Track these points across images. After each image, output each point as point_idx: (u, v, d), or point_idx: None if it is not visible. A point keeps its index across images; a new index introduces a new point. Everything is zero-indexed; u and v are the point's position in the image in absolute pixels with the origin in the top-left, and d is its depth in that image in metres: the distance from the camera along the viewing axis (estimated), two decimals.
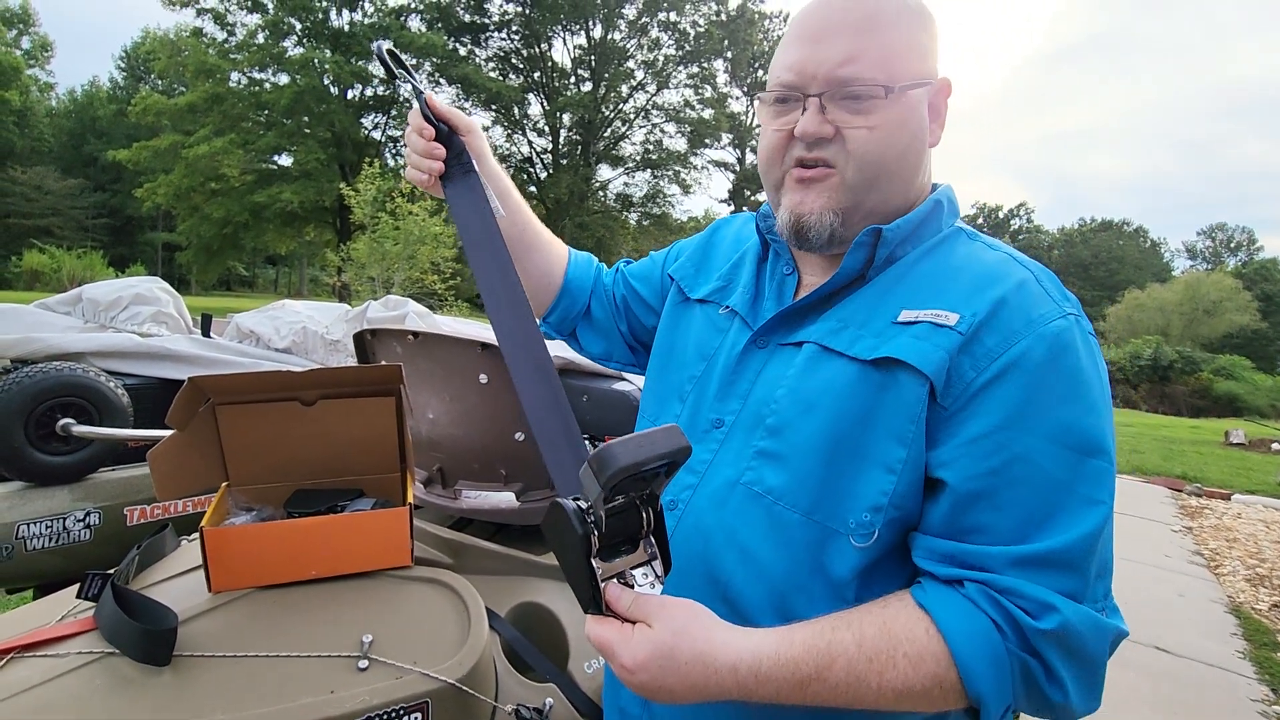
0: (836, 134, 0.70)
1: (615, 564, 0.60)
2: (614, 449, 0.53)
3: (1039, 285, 0.67)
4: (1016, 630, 0.59)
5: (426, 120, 0.89)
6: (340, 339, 2.66)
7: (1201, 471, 7.95)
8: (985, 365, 0.63)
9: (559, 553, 0.61)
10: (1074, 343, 0.64)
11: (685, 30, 30.29)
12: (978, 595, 0.61)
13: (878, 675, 0.59)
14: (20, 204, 36.41)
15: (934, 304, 0.67)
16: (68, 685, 0.86)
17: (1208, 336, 35.16)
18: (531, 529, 1.58)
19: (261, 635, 0.97)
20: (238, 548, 1.04)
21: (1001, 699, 0.59)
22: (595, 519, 0.57)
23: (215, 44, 27.48)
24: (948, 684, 0.59)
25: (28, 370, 1.94)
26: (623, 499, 0.58)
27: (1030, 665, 0.59)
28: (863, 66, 0.68)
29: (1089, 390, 0.63)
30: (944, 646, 0.59)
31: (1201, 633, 3.37)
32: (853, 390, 0.67)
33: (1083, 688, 0.60)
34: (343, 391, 1.18)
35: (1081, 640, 0.59)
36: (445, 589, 1.10)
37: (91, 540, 1.96)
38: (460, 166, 0.91)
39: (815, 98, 0.70)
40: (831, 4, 0.71)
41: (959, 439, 0.63)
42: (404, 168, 0.96)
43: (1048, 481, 0.61)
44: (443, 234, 15.93)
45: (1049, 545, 0.60)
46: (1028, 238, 63.70)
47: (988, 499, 0.62)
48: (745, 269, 0.88)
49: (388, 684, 0.92)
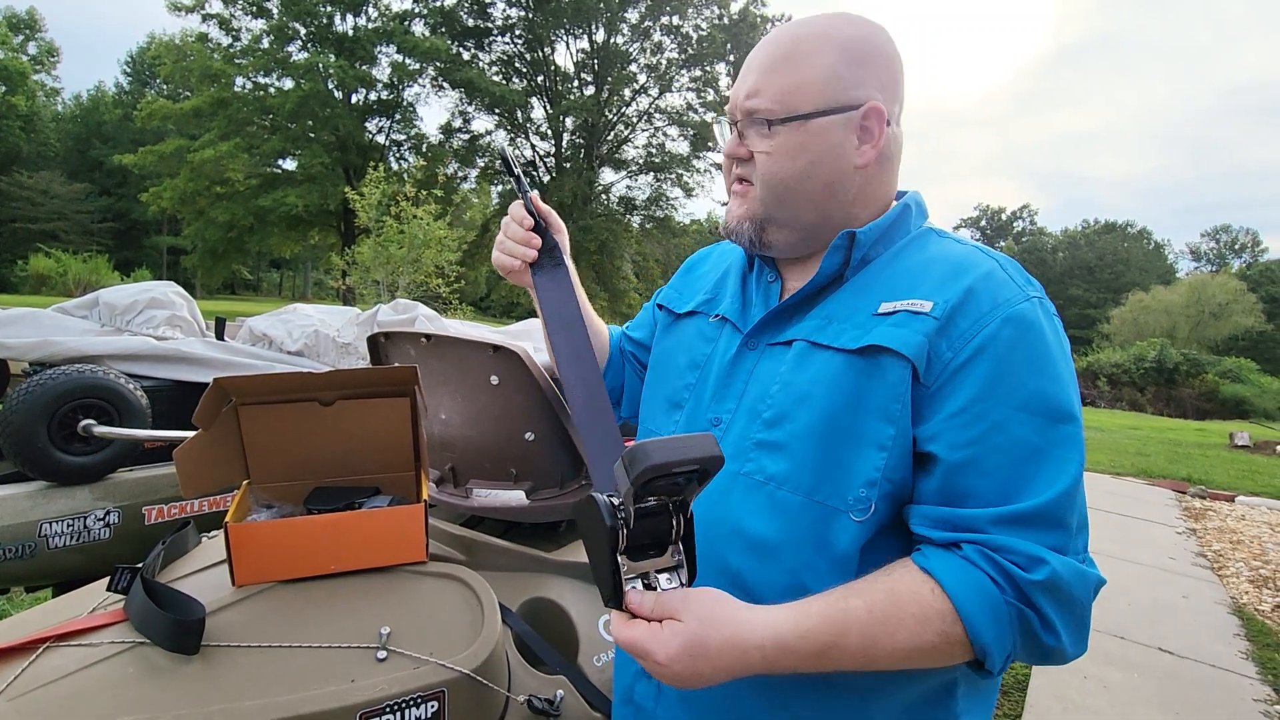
0: (750, 156, 0.81)
1: (641, 565, 0.63)
2: (647, 447, 0.56)
3: (1004, 273, 0.74)
4: (1012, 583, 0.64)
5: (528, 212, 0.98)
6: (351, 342, 2.70)
7: (1206, 474, 7.93)
8: (960, 346, 0.69)
9: (588, 544, 0.64)
10: (1038, 322, 0.71)
11: (688, 34, 30.33)
12: (974, 554, 0.66)
13: (890, 636, 0.64)
14: (26, 208, 36.62)
15: (909, 295, 0.74)
16: (101, 673, 0.89)
17: (1213, 339, 35.05)
18: (541, 527, 1.62)
19: (284, 627, 1.00)
20: (260, 543, 1.07)
21: (1002, 648, 0.64)
22: (625, 515, 0.59)
23: (220, 49, 27.57)
24: (954, 638, 0.64)
25: (50, 373, 1.98)
26: (654, 501, 0.60)
27: (1027, 615, 0.64)
28: (762, 99, 0.78)
29: (1054, 363, 0.70)
30: (949, 604, 0.64)
31: (1205, 634, 3.37)
32: (842, 379, 0.73)
33: (1073, 632, 0.66)
34: (360, 392, 1.22)
35: (1070, 589, 0.65)
36: (459, 584, 1.14)
37: (111, 539, 2.00)
38: (551, 259, 0.99)
39: (734, 124, 0.82)
40: (763, 43, 0.81)
41: (942, 414, 0.69)
42: (407, 172, 1.03)
43: (1024, 446, 0.67)
44: (447, 237, 15.97)
45: (1031, 504, 0.66)
46: (1031, 240, 63.40)
47: (972, 466, 0.68)
48: (731, 281, 0.95)
49: (406, 673, 0.96)
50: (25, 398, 1.90)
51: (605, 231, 30.27)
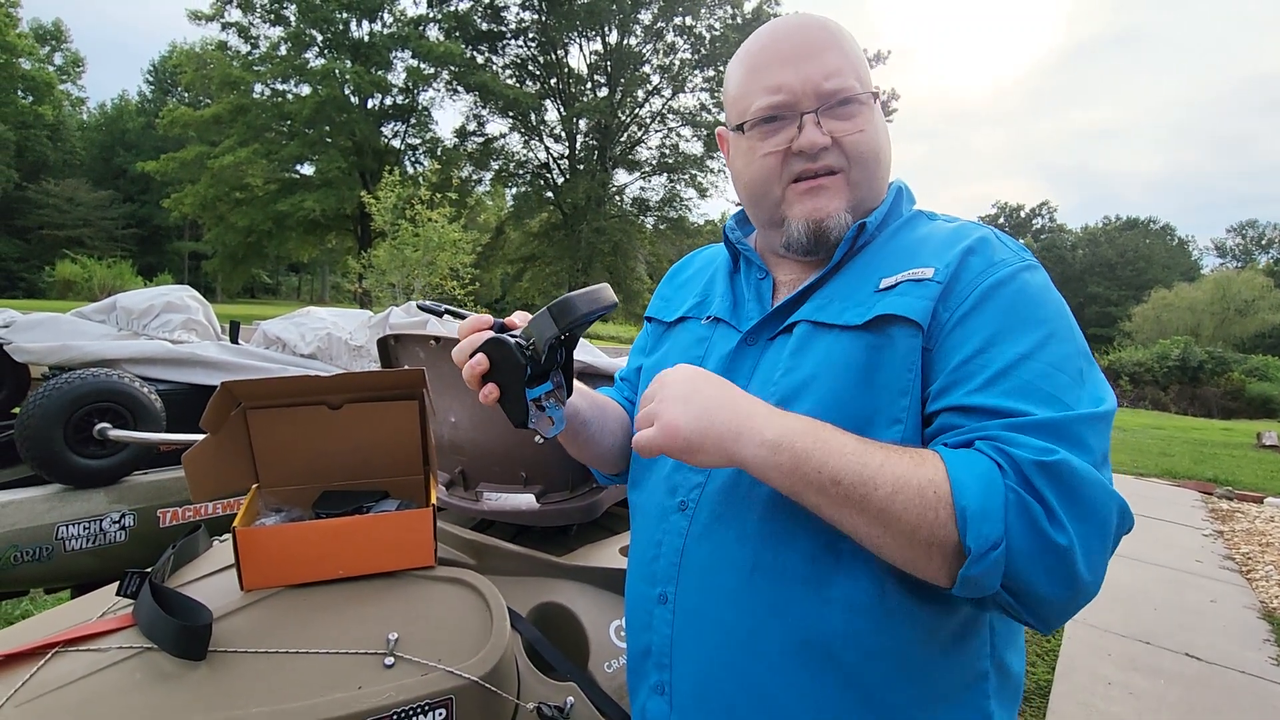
0: (834, 142, 0.77)
1: (533, 390, 0.75)
2: (574, 300, 0.71)
3: (998, 239, 0.75)
4: (1014, 466, 0.59)
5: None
6: (364, 344, 2.71)
7: (1233, 474, 7.76)
8: (964, 298, 0.69)
9: (500, 379, 0.74)
10: (1035, 279, 0.71)
11: (701, 34, 30.26)
12: (982, 445, 0.62)
13: (884, 452, 0.63)
14: (53, 215, 37.37)
15: (909, 266, 0.74)
16: (109, 679, 0.89)
17: (1239, 336, 34.32)
18: (551, 531, 1.60)
19: (291, 632, 1.00)
20: (268, 547, 1.07)
21: (990, 522, 0.58)
22: (532, 353, 0.72)
23: (239, 57, 27.99)
24: (941, 493, 0.59)
25: (66, 376, 2.00)
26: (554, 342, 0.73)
27: (1029, 504, 0.58)
28: (843, 79, 0.76)
29: (1056, 310, 0.69)
30: (943, 464, 0.61)
31: (1234, 640, 3.29)
32: (849, 356, 0.72)
33: (1089, 541, 0.58)
34: (368, 395, 1.21)
35: (1081, 482, 0.58)
36: (468, 589, 1.13)
37: (126, 541, 2.02)
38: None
39: (811, 113, 0.76)
40: (795, 30, 0.79)
41: (947, 368, 0.68)
42: (422, 176, 1.00)
43: (1038, 384, 0.64)
44: (461, 240, 16.08)
45: (1048, 415, 0.62)
46: (1050, 237, 62.59)
47: (988, 406, 0.64)
48: (719, 283, 0.93)
49: (413, 680, 0.95)
50: (41, 402, 1.92)
51: (619, 233, 30.30)
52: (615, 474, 1.04)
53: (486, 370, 0.76)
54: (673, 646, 0.79)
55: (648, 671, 0.83)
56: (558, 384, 0.78)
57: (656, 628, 0.81)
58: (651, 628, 0.82)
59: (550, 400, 0.77)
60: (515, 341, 0.73)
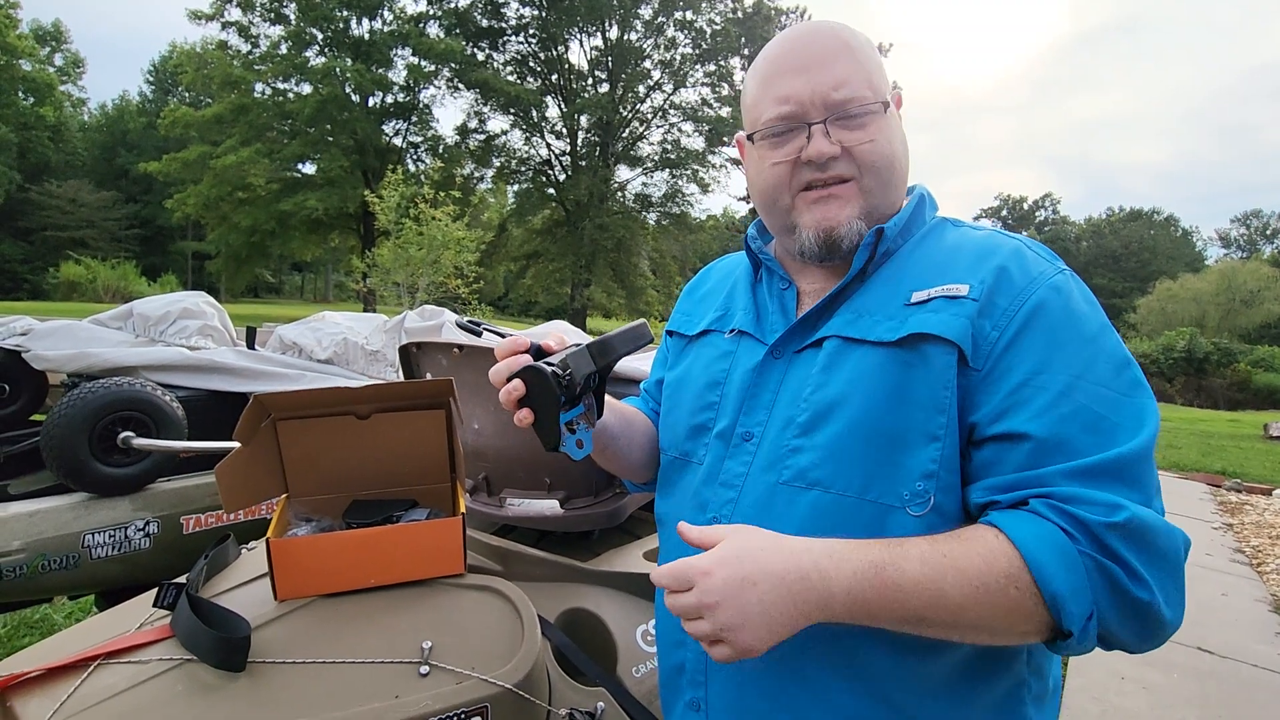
0: (844, 151, 0.77)
1: (568, 415, 0.78)
2: (612, 341, 0.78)
3: (1031, 251, 0.75)
4: (1085, 531, 0.59)
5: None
6: (380, 349, 2.72)
7: (1241, 466, 7.74)
8: (1005, 324, 0.69)
9: (534, 405, 0.77)
10: (1075, 291, 0.72)
11: (701, 29, 30.10)
12: (1042, 508, 0.62)
13: (953, 563, 0.61)
14: (56, 217, 37.42)
15: (941, 281, 0.73)
16: (152, 691, 0.91)
17: (1245, 327, 34.19)
18: (574, 536, 1.61)
19: (327, 642, 1.01)
20: (301, 558, 1.07)
21: (1079, 599, 0.59)
22: (568, 382, 0.75)
23: (240, 56, 27.92)
24: (1023, 585, 0.59)
25: (90, 386, 2.02)
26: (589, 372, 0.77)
27: (1108, 567, 0.59)
28: (853, 89, 0.76)
29: (1100, 323, 0.70)
30: (1014, 548, 0.60)
31: (1246, 633, 3.30)
32: (882, 373, 0.71)
33: (1167, 588, 0.60)
34: (396, 405, 1.22)
35: (1154, 534, 0.59)
36: (498, 596, 1.13)
37: (151, 548, 2.04)
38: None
39: (820, 123, 0.77)
40: (806, 39, 0.79)
41: (1002, 392, 0.67)
42: (424, 174, 0.99)
43: (1092, 409, 0.64)
44: (465, 238, 16.08)
45: (1105, 456, 0.62)
46: (1054, 229, 62.17)
47: (1040, 437, 0.64)
48: (740, 294, 0.92)
49: (449, 689, 0.96)
50: (66, 411, 1.94)
51: (622, 229, 30.22)
52: (644, 483, 1.05)
53: (523, 395, 0.77)
54: (707, 663, 0.79)
55: (682, 688, 0.83)
56: (589, 406, 0.80)
57: (690, 644, 0.81)
58: (685, 644, 0.82)
59: (581, 423, 0.79)
60: (552, 371, 0.75)
